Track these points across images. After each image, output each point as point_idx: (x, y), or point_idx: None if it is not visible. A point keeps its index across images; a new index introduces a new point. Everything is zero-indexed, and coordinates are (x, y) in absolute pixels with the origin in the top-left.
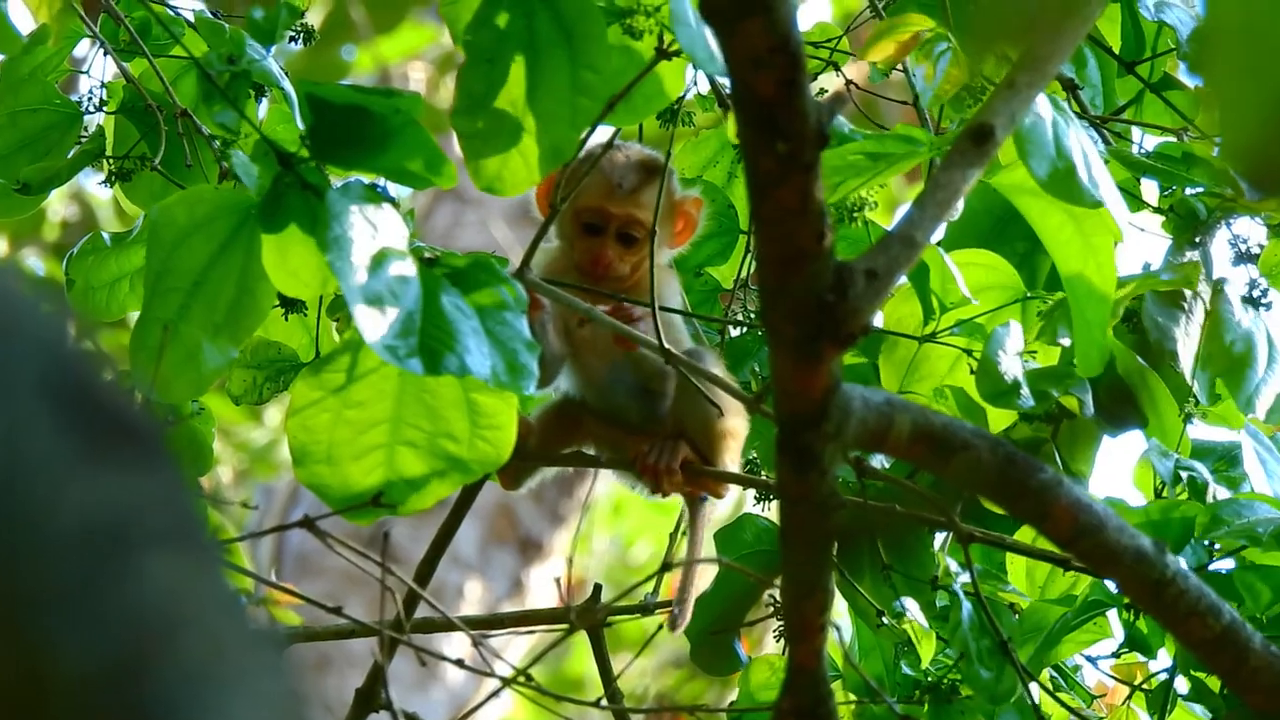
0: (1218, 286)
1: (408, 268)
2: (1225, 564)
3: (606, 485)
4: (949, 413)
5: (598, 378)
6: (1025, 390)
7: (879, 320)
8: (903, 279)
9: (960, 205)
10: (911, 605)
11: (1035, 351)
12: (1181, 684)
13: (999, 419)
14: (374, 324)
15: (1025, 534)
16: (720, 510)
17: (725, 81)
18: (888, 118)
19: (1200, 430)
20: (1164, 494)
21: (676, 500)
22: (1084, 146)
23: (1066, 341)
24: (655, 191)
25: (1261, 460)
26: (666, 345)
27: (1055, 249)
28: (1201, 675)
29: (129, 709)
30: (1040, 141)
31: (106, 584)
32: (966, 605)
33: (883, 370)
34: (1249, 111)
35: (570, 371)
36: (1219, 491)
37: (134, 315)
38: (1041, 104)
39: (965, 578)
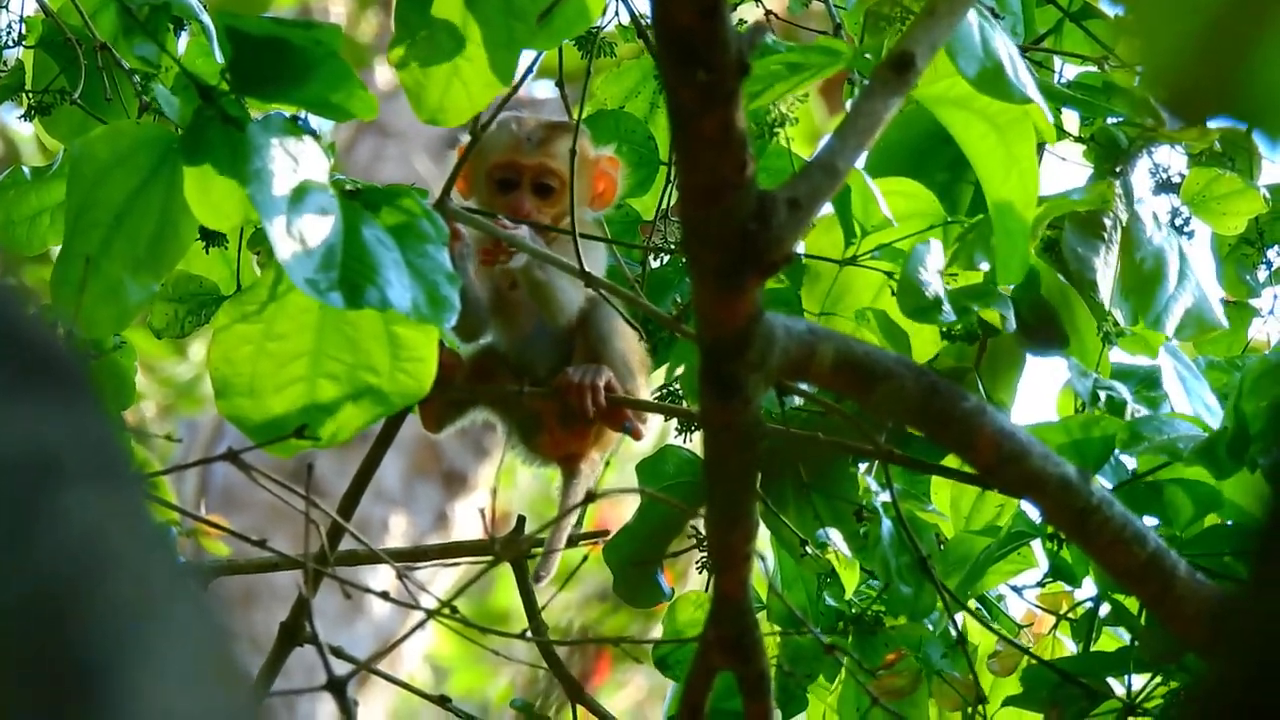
0: (1133, 208)
1: (329, 200)
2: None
3: None
4: (872, 335)
5: (520, 335)
6: (946, 306)
7: (801, 249)
8: (826, 208)
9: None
10: (835, 536)
11: (956, 274)
12: (1104, 608)
13: (923, 345)
14: (295, 257)
15: (950, 463)
16: (641, 445)
17: (646, 11)
18: None
19: (1122, 357)
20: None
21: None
22: (1009, 51)
23: (985, 266)
24: (565, 143)
25: (1181, 378)
26: (585, 286)
27: (978, 159)
28: (1120, 597)
29: (53, 645)
30: (968, 42)
31: (29, 520)
32: (886, 522)
33: (805, 299)
34: (1169, 38)
35: (492, 325)
36: (1138, 411)
37: (54, 249)
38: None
39: (885, 497)
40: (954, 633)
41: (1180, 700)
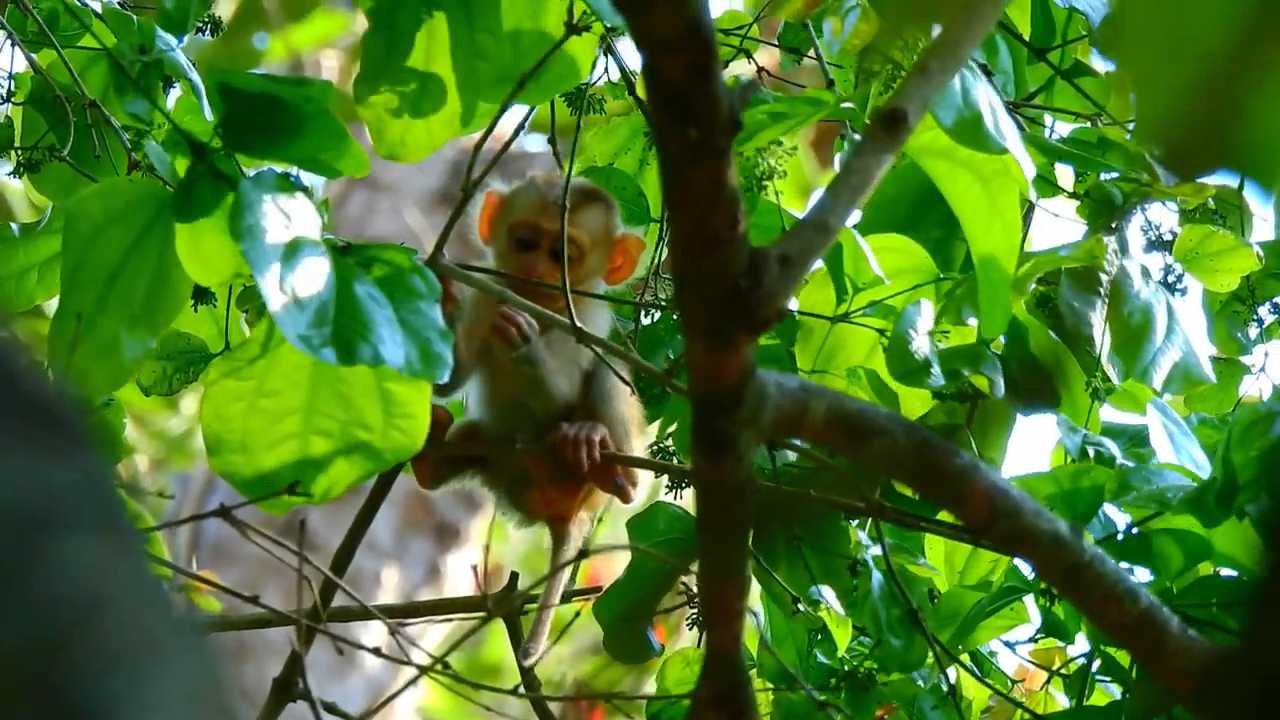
0: (1122, 262)
1: (321, 257)
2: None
3: None
4: (863, 394)
5: (505, 399)
6: (936, 369)
7: (793, 306)
8: (817, 264)
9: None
10: (827, 593)
11: (948, 331)
12: (1096, 663)
13: (914, 403)
14: (288, 313)
15: (943, 519)
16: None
17: (636, 68)
18: None
19: (1112, 415)
20: None
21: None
22: (991, 102)
23: (973, 322)
24: (590, 215)
25: (1169, 434)
26: (582, 343)
27: (962, 210)
28: (1112, 651)
29: (49, 691)
30: (948, 92)
31: (26, 568)
32: (876, 575)
33: (799, 356)
34: (1164, 91)
35: (476, 389)
36: (1127, 467)
37: (44, 305)
38: None
39: (876, 550)
40: (945, 686)
41: None
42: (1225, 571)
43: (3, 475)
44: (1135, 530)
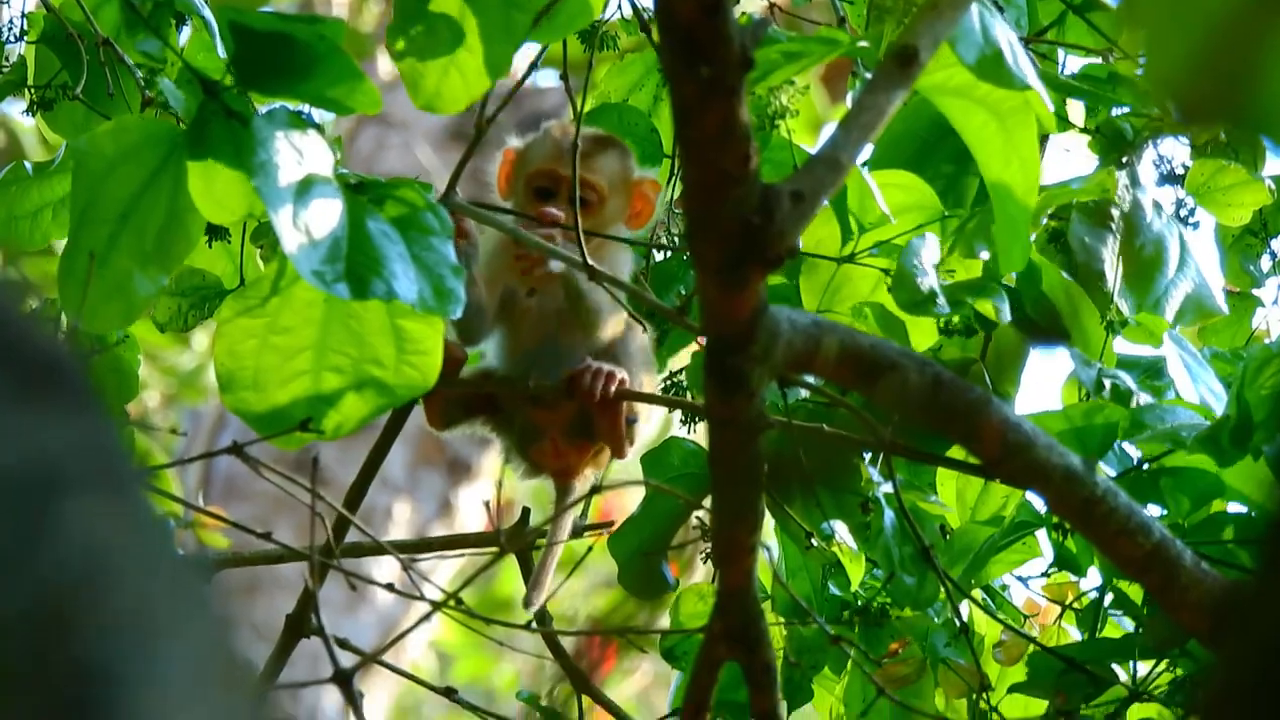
0: (1135, 195)
1: (334, 193)
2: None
3: None
4: (869, 329)
5: (526, 349)
6: (941, 299)
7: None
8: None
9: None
10: (840, 528)
11: (954, 270)
12: (1109, 597)
13: (922, 338)
14: (301, 249)
15: (954, 455)
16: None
17: (649, 4)
18: None
19: (1126, 347)
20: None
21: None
22: (1009, 38)
23: (985, 255)
24: (607, 159)
25: (1186, 365)
26: (607, 299)
27: (978, 148)
28: (1124, 585)
29: (56, 660)
30: (968, 29)
31: (30, 532)
32: (889, 513)
33: (804, 292)
34: (1174, 39)
35: (495, 340)
36: (1143, 398)
37: (57, 244)
38: None
39: (889, 488)
40: (958, 622)
41: (1188, 689)
42: (1236, 508)
43: (5, 436)
44: (1146, 466)
